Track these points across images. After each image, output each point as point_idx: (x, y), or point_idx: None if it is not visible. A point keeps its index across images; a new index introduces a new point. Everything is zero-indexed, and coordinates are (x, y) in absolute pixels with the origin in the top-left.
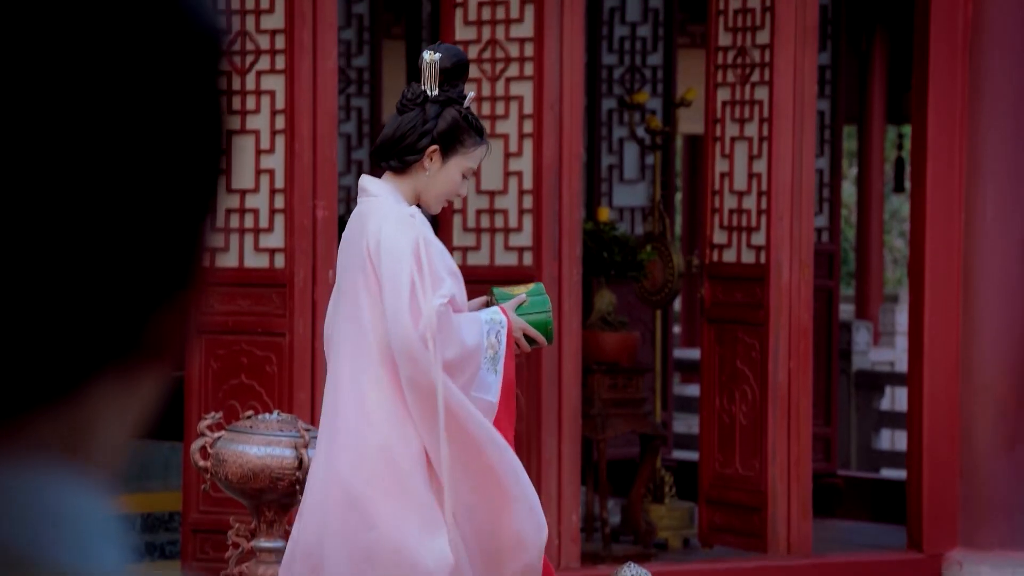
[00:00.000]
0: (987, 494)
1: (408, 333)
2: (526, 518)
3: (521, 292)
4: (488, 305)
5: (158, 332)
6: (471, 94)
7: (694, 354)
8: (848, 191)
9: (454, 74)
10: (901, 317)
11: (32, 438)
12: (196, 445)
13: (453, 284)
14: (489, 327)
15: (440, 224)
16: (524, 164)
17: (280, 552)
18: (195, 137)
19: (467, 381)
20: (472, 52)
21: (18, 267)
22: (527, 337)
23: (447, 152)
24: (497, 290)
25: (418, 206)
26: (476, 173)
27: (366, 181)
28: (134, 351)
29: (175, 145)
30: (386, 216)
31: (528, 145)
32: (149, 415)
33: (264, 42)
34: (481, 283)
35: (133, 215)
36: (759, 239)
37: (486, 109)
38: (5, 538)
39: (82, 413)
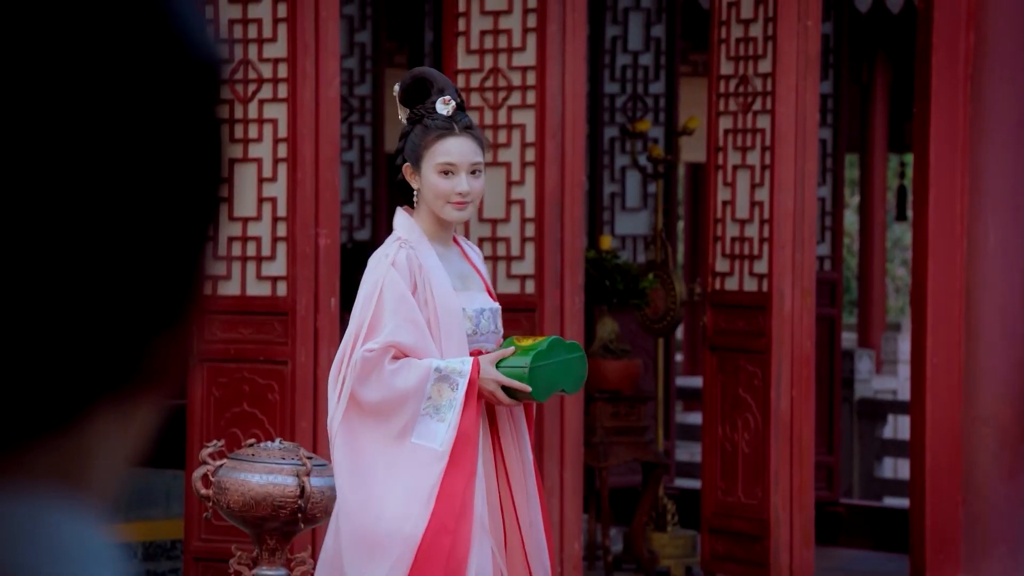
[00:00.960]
0: (990, 523)
1: (332, 373)
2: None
3: (529, 343)
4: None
5: (157, 360)
6: (443, 96)
7: (696, 382)
8: (850, 219)
9: (416, 92)
10: (903, 345)
11: (30, 466)
12: (198, 473)
13: (405, 331)
14: (438, 375)
15: None
16: (526, 192)
17: None
18: (194, 165)
19: (404, 426)
20: (474, 81)
21: (16, 294)
22: (511, 389)
23: (416, 162)
24: (507, 340)
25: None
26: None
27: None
28: (133, 379)
29: (174, 173)
30: (374, 255)
31: (530, 173)
32: (147, 443)
33: (267, 71)
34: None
35: (132, 242)
36: (761, 267)
37: (487, 137)
38: (3, 567)
39: (80, 441)
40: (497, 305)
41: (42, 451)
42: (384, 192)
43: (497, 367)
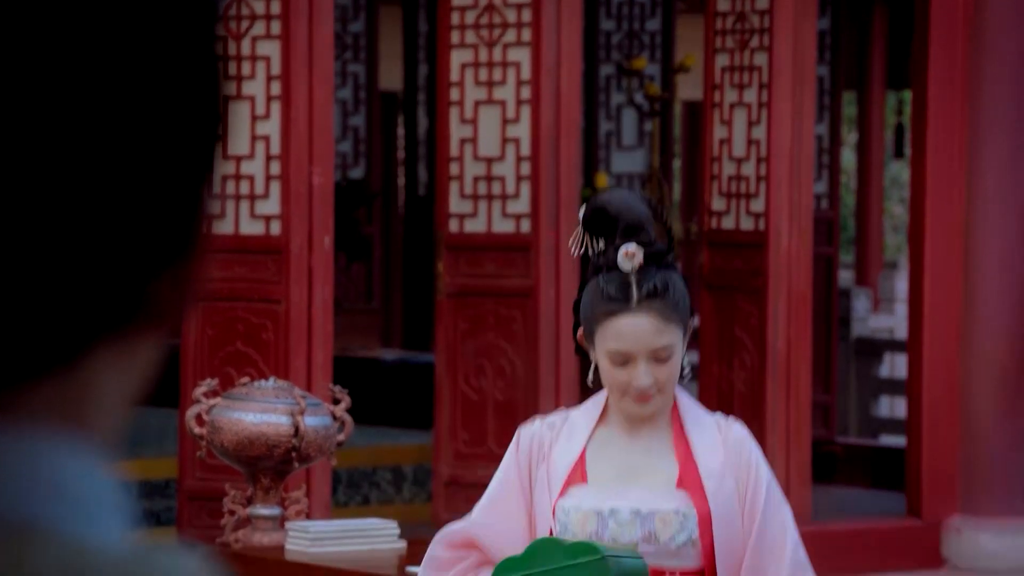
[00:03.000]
0: (987, 461)
1: None
2: None
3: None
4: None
5: (159, 299)
6: (627, 247)
7: (692, 321)
8: (848, 157)
9: (596, 226)
10: (901, 284)
11: (32, 406)
12: (192, 412)
13: (487, 525)
14: None
15: (438, 192)
16: (522, 131)
17: (276, 519)
18: (194, 102)
19: None
20: (469, 17)
21: (18, 233)
22: None
23: (588, 335)
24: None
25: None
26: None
27: None
28: (134, 318)
29: (174, 110)
30: None
31: (526, 112)
32: (148, 382)
33: (259, 7)
34: (479, 250)
35: (134, 181)
36: (758, 206)
37: (483, 75)
38: (3, 507)
39: (81, 381)
40: (683, 507)
41: (44, 390)
42: (378, 130)
43: None
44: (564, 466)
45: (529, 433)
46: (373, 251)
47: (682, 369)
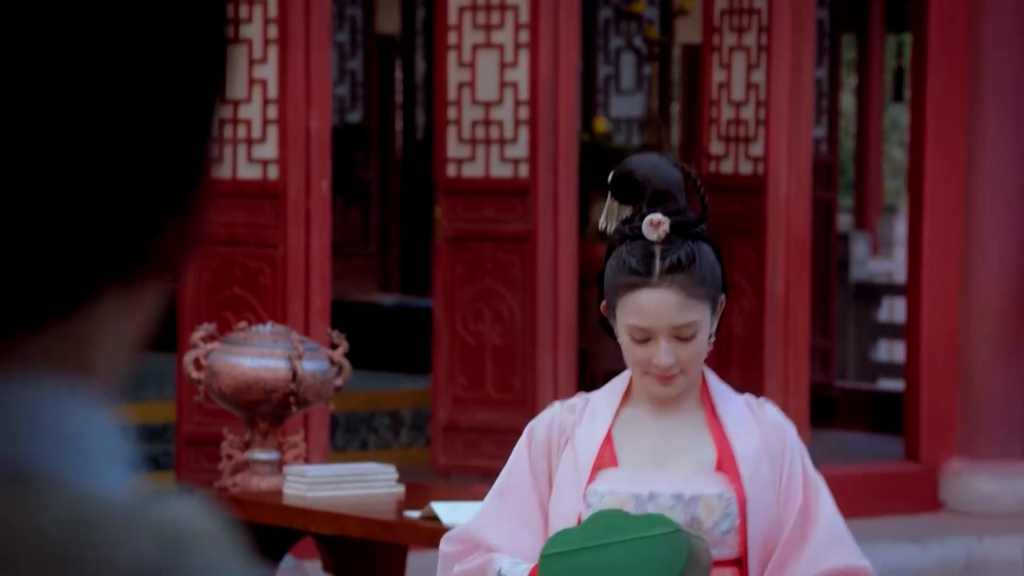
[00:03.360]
0: (985, 405)
1: None
2: None
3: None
4: None
5: (163, 246)
6: (652, 216)
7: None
8: (847, 101)
9: (622, 192)
10: (900, 228)
11: (35, 354)
12: (189, 357)
13: (495, 525)
14: None
15: (435, 137)
16: (520, 75)
17: (273, 464)
18: (198, 47)
19: None
20: None
21: (22, 179)
22: None
23: (611, 308)
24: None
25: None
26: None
27: None
28: (139, 265)
29: (179, 56)
30: None
31: (524, 55)
32: (151, 328)
33: None
34: (477, 195)
35: (139, 128)
36: (757, 150)
37: (481, 18)
38: (6, 455)
39: (85, 328)
40: (726, 492)
41: (48, 338)
42: (376, 74)
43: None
44: (591, 449)
45: (546, 419)
46: (371, 196)
47: (708, 340)
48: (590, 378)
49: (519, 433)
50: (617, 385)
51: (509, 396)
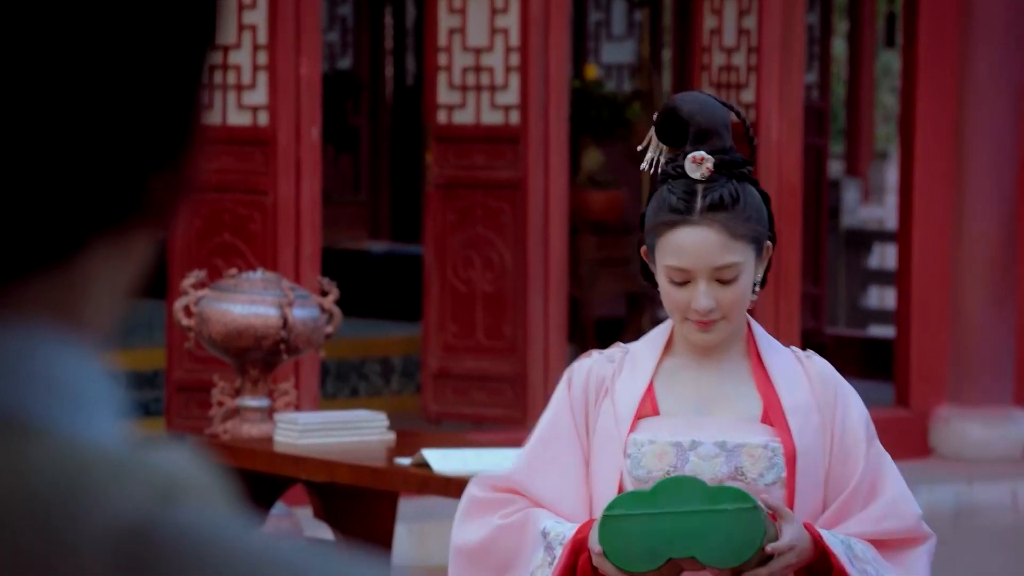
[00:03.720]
0: (975, 351)
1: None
2: None
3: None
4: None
5: (154, 195)
6: (696, 153)
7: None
8: (839, 47)
9: (667, 131)
10: (891, 174)
11: (25, 302)
12: (179, 304)
13: (535, 473)
14: (544, 542)
15: (426, 83)
16: (510, 20)
17: (264, 411)
18: None
19: None
20: None
21: (13, 126)
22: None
23: (650, 249)
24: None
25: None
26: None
27: None
28: (130, 214)
29: (170, 4)
30: None
31: (514, 1)
32: (141, 276)
33: None
34: (467, 141)
35: (131, 75)
36: (748, 96)
37: None
38: None
39: (76, 277)
40: (772, 442)
41: (39, 286)
42: (366, 20)
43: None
44: (632, 399)
45: (585, 368)
46: (361, 142)
47: (753, 290)
48: (581, 325)
49: (509, 380)
50: (658, 335)
51: (500, 343)
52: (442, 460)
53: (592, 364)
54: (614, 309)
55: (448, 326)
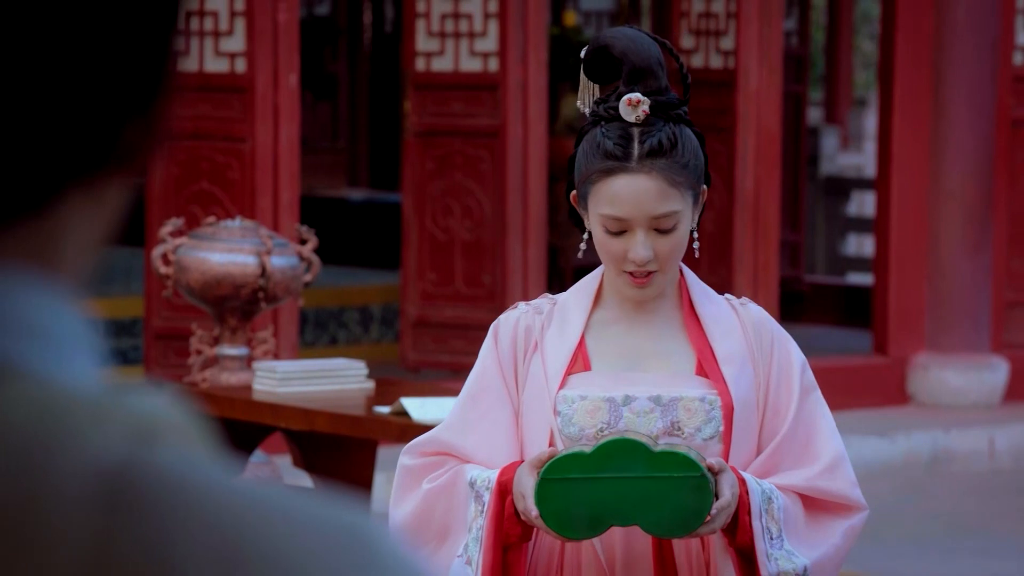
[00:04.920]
0: (953, 298)
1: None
2: None
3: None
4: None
5: (128, 143)
6: (631, 95)
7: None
8: None
9: (597, 70)
10: (870, 121)
11: (2, 250)
12: (157, 251)
13: (463, 431)
14: (472, 492)
15: (404, 30)
16: None
17: (243, 359)
18: None
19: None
20: None
21: None
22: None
23: (582, 198)
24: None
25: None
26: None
27: None
28: (105, 162)
29: None
30: None
31: None
32: (116, 224)
33: None
34: (446, 89)
35: (103, 22)
36: (727, 43)
37: None
38: None
39: (51, 225)
40: (709, 395)
41: (15, 235)
42: None
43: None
44: (562, 354)
45: (512, 320)
46: (339, 90)
47: (691, 241)
48: (559, 273)
49: (488, 328)
50: (587, 286)
51: (479, 291)
52: (421, 408)
53: (520, 316)
54: (592, 257)
55: (427, 274)
